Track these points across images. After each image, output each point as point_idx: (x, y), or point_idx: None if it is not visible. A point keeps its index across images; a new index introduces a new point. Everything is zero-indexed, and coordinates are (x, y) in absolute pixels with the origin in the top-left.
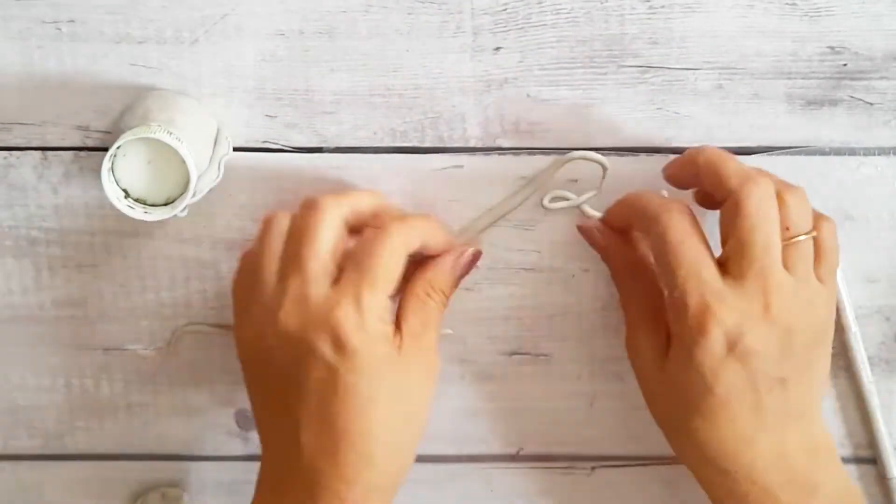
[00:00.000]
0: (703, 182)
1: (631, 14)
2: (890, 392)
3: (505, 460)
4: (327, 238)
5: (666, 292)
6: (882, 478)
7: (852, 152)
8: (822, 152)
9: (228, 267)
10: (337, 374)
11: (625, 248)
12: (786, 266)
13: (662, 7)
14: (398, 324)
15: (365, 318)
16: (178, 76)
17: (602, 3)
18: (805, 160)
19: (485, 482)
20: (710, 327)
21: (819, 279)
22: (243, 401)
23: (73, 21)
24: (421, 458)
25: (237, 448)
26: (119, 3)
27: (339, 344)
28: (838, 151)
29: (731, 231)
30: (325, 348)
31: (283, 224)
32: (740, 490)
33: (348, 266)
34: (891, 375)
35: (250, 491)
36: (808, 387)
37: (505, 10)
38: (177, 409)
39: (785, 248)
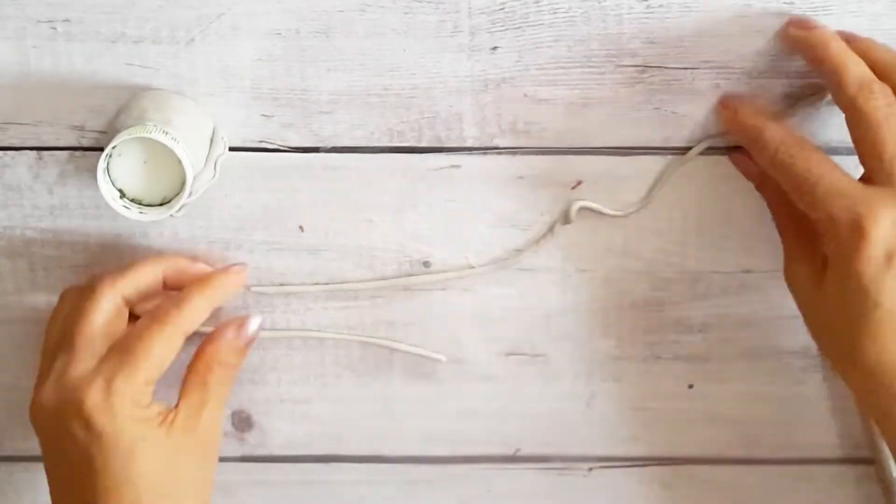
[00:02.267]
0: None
1: (628, 13)
2: None
3: (502, 461)
4: (98, 321)
5: (813, 216)
6: (881, 478)
7: (851, 152)
8: None
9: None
10: (89, 455)
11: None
12: None
13: (660, 6)
14: (179, 401)
15: (113, 401)
16: (174, 76)
17: (599, 3)
18: None
19: (482, 483)
20: (865, 237)
21: None
22: (238, 402)
23: (68, 20)
24: (419, 459)
25: (233, 449)
26: (115, 2)
27: (87, 425)
28: (836, 151)
29: (862, 138)
30: (76, 428)
31: (67, 302)
32: None
33: (111, 349)
34: None
35: (246, 491)
36: None
37: (502, 9)
38: None
39: None
